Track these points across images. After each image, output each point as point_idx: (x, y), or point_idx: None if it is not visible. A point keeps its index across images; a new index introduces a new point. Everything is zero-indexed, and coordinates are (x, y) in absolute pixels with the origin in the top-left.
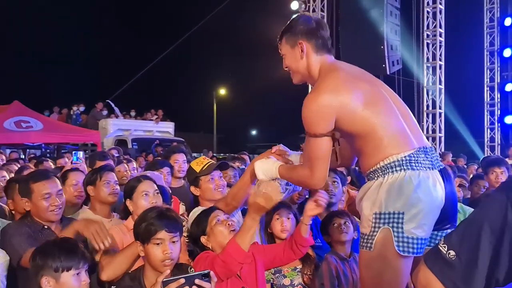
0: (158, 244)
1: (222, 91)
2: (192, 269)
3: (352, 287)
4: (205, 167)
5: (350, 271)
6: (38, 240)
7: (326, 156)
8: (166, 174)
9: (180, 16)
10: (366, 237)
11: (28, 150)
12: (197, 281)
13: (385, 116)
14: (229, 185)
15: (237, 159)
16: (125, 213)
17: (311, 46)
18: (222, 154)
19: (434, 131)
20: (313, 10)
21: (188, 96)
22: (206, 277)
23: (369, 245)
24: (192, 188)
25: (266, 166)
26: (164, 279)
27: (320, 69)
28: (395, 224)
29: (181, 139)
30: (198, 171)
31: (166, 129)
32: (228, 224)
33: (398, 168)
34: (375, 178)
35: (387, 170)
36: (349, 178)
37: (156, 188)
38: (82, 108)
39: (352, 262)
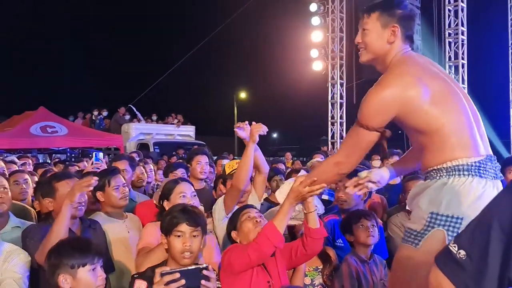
0: (179, 236)
1: (243, 94)
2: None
3: None
4: (233, 171)
5: (370, 273)
6: None
7: (366, 149)
8: (181, 176)
9: (200, 21)
10: (415, 233)
11: (54, 154)
12: (205, 272)
13: (456, 115)
14: None
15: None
16: (161, 214)
17: (402, 34)
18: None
19: None
20: (332, 12)
21: (209, 100)
22: (204, 270)
23: (416, 241)
24: (222, 187)
25: (285, 189)
26: (162, 271)
27: (393, 57)
28: (450, 228)
29: (202, 142)
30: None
31: (187, 132)
32: (256, 221)
33: (466, 173)
34: (437, 177)
35: (454, 172)
36: None
37: (194, 191)
38: (105, 113)
39: (372, 264)
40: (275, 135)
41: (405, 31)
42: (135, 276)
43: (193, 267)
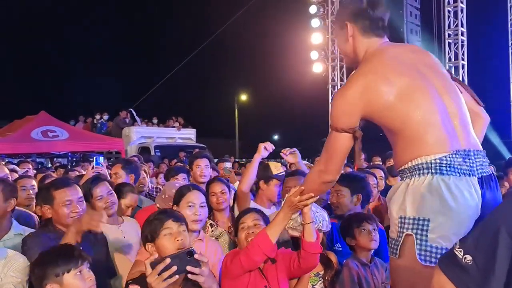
0: (169, 234)
1: (243, 97)
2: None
3: None
4: (280, 173)
5: (371, 277)
6: None
7: (341, 152)
8: (182, 181)
9: (201, 24)
10: (393, 242)
11: (55, 158)
12: (196, 256)
13: (423, 112)
14: None
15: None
16: None
17: (358, 28)
18: (244, 160)
19: None
20: (332, 14)
21: (210, 102)
22: (190, 255)
23: (395, 251)
24: (261, 182)
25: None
26: (151, 262)
27: (364, 54)
28: (419, 231)
29: (203, 145)
30: (274, 173)
31: (188, 135)
32: (248, 233)
33: (425, 171)
34: (404, 179)
35: (414, 172)
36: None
37: (204, 201)
38: (106, 117)
39: (373, 267)
40: (275, 137)
41: (361, 24)
42: (129, 282)
43: (179, 251)
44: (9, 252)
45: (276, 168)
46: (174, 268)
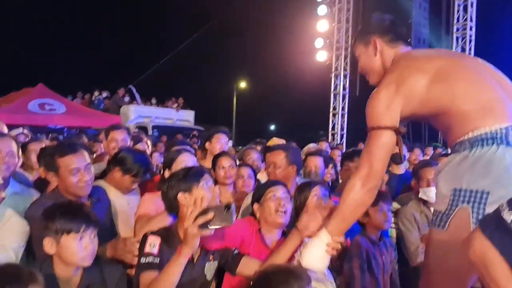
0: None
1: (243, 84)
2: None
3: (382, 271)
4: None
5: (380, 255)
6: None
7: (387, 150)
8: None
9: (205, 4)
10: (440, 215)
11: (50, 134)
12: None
13: (467, 85)
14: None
15: (260, 143)
16: (162, 183)
17: (385, 42)
18: (240, 147)
19: None
20: (339, 1)
21: (208, 88)
22: (228, 208)
23: (442, 223)
24: None
25: (316, 256)
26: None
27: (392, 61)
28: (476, 205)
29: (201, 128)
30: None
31: (186, 117)
32: (280, 204)
33: (490, 141)
34: (461, 151)
35: (476, 143)
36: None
37: (196, 162)
38: (105, 94)
39: (382, 246)
40: (272, 127)
41: (388, 37)
42: (147, 234)
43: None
44: (8, 212)
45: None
46: (211, 215)
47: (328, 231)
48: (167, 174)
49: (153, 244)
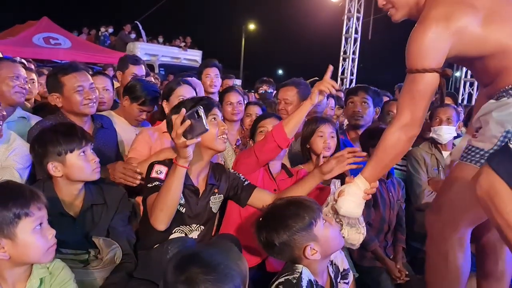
0: (214, 119)
1: (252, 26)
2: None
3: (389, 208)
4: None
5: (387, 192)
6: None
7: (428, 95)
8: None
9: None
10: (481, 152)
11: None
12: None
13: None
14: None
15: (265, 82)
16: (162, 115)
17: None
18: (246, 90)
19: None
20: None
21: (216, 28)
22: (197, 114)
23: (482, 161)
24: None
25: (354, 203)
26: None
27: None
28: None
29: None
30: None
31: (193, 57)
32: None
33: None
34: None
35: None
36: None
37: (195, 95)
38: (110, 30)
39: (390, 184)
40: (280, 72)
41: None
42: (154, 162)
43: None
44: (13, 135)
45: None
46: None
47: (365, 177)
48: (164, 105)
49: (160, 171)
